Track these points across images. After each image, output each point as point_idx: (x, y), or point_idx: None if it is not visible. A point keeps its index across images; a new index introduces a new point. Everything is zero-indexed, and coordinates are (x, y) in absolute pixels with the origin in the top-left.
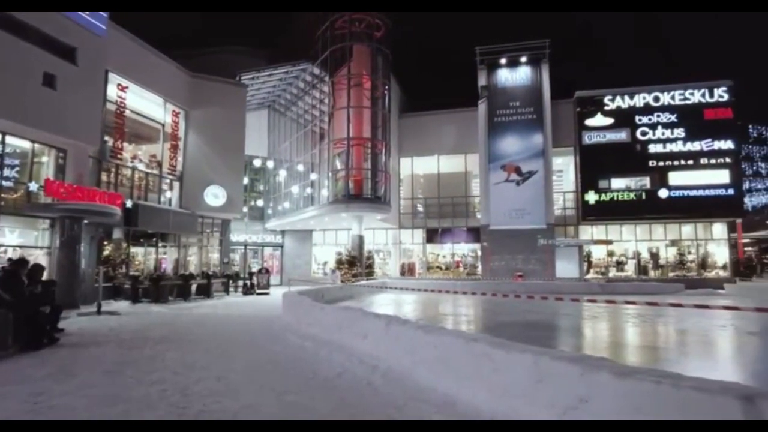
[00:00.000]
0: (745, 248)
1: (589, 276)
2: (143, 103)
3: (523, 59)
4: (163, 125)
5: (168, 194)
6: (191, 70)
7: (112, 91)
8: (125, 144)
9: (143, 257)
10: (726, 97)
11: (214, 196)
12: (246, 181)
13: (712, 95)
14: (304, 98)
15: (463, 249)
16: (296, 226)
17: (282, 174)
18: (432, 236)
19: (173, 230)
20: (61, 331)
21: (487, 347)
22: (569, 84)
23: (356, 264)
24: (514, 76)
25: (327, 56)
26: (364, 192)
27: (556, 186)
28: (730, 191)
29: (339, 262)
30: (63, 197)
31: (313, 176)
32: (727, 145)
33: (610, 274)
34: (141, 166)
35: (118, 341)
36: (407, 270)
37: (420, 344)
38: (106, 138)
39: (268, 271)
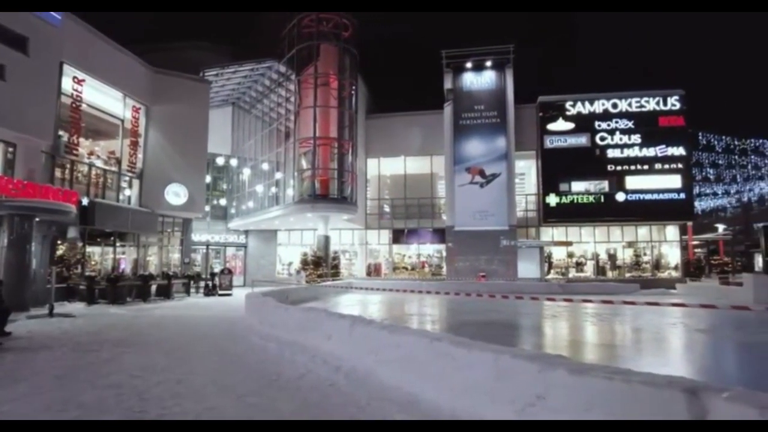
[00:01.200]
0: (695, 250)
1: (549, 276)
2: (101, 97)
3: (488, 63)
4: (122, 121)
5: (127, 192)
6: (153, 65)
7: (67, 84)
8: (82, 139)
9: (100, 257)
10: (678, 105)
11: (176, 194)
12: (209, 179)
13: (665, 103)
14: (269, 96)
15: (429, 249)
16: (260, 226)
17: (246, 173)
18: (398, 237)
19: (132, 229)
20: (8, 334)
21: (450, 346)
22: (532, 88)
23: (322, 264)
24: (479, 79)
25: (293, 55)
26: (330, 192)
27: (519, 188)
28: (682, 195)
29: (304, 262)
30: (12, 194)
31: (278, 175)
32: (679, 151)
33: (570, 275)
34: (99, 163)
35: (72, 344)
36: (373, 270)
37: (384, 344)
38: (61, 133)
39: (230, 272)
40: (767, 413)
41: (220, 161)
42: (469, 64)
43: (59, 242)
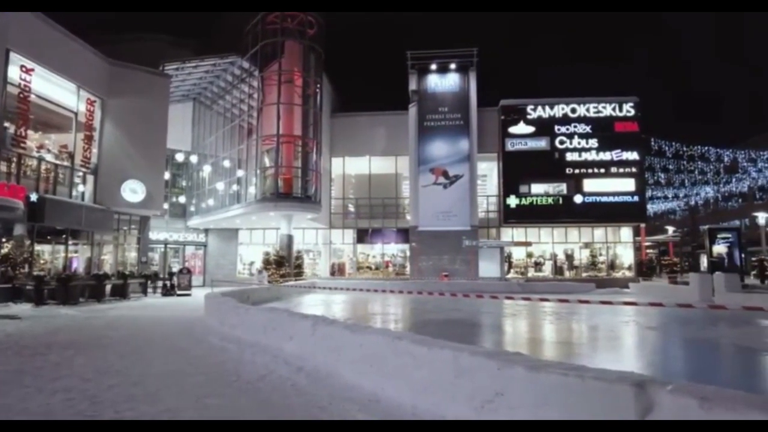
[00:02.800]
0: (647, 251)
1: (509, 276)
2: (53, 88)
3: (452, 66)
4: (75, 114)
5: (80, 188)
6: (110, 56)
7: (14, 73)
8: (30, 132)
9: (50, 255)
10: (633, 112)
11: (132, 191)
12: (167, 176)
13: (621, 110)
14: (231, 92)
15: (393, 249)
16: (221, 225)
17: (206, 170)
18: (362, 236)
19: (86, 227)
20: None
21: (411, 345)
22: (495, 92)
23: (285, 264)
24: (444, 82)
25: (257, 51)
26: (293, 191)
27: (481, 190)
28: (635, 198)
29: (266, 262)
30: None
31: (240, 173)
32: (633, 156)
33: (529, 274)
34: (49, 157)
35: (17, 348)
36: (337, 270)
37: (346, 344)
38: (7, 124)
39: (189, 271)
40: (705, 404)
41: (179, 158)
42: (433, 66)
43: (4, 240)
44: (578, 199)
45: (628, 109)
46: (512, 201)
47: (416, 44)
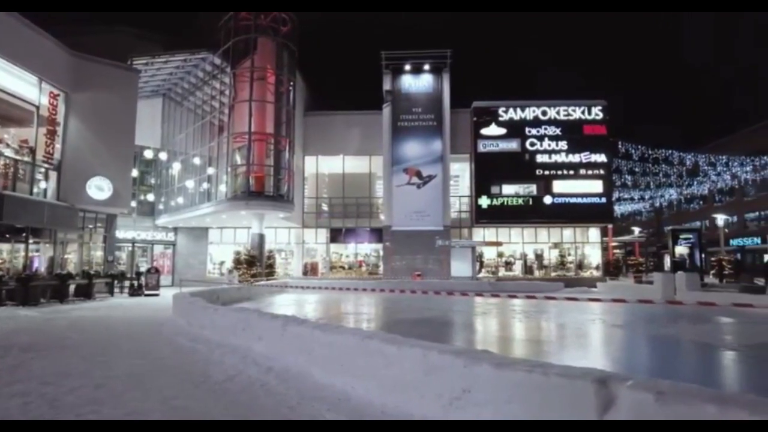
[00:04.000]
0: (614, 251)
1: (480, 275)
2: (12, 80)
3: (426, 67)
4: (37, 107)
5: (43, 185)
6: (76, 49)
7: None
8: None
9: (9, 254)
10: (601, 115)
11: (99, 188)
12: (135, 173)
13: (590, 113)
14: (203, 88)
15: (366, 249)
16: (191, 223)
17: (176, 167)
18: (336, 236)
19: (48, 225)
20: None
21: (381, 344)
22: (468, 93)
23: (256, 264)
24: (417, 82)
25: (229, 47)
26: (265, 189)
27: (453, 190)
28: (603, 200)
29: (237, 261)
30: None
31: (211, 170)
32: (601, 158)
33: (500, 274)
34: (8, 152)
35: None
36: (310, 270)
37: (317, 343)
38: None
39: (158, 271)
40: (662, 397)
41: (148, 154)
42: (407, 67)
43: None
44: (548, 200)
45: (597, 113)
46: (484, 201)
47: (391, 44)
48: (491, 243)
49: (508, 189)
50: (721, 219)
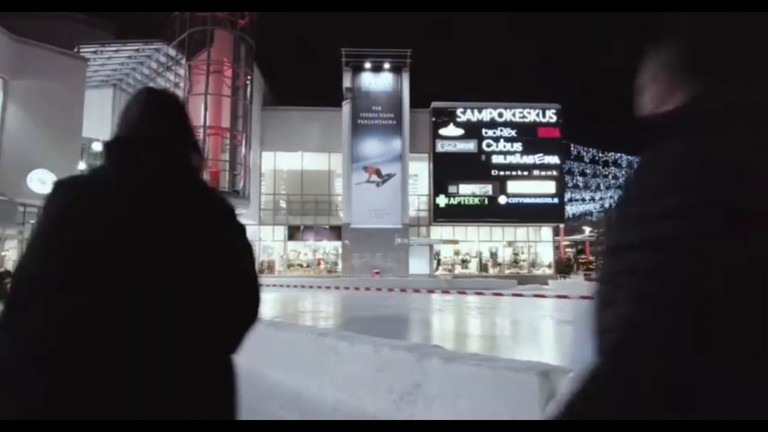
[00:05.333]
0: (566, 249)
1: (438, 273)
2: None
3: (386, 66)
4: None
5: None
6: (18, 34)
7: None
8: None
9: None
10: (555, 118)
11: (41, 181)
12: (83, 166)
13: (544, 116)
14: (156, 80)
15: (325, 247)
16: None
17: None
18: (294, 233)
19: None
20: None
21: (334, 341)
22: (427, 93)
23: None
24: (377, 81)
25: (185, 38)
26: (220, 185)
27: (412, 189)
28: (555, 200)
29: None
30: None
31: None
32: (554, 160)
33: (456, 271)
34: None
35: None
36: (267, 268)
37: (270, 341)
38: None
39: None
40: None
41: (97, 147)
42: (368, 65)
43: None
44: (503, 200)
45: (551, 116)
46: (441, 200)
47: (351, 42)
48: (448, 241)
49: (465, 189)
50: None
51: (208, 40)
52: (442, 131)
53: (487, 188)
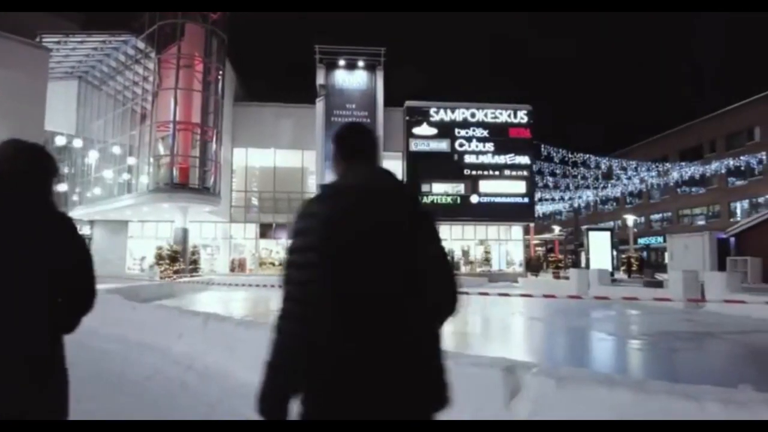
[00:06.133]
0: (536, 248)
1: None
2: None
3: (360, 64)
4: None
5: None
6: None
7: None
8: None
9: None
10: (526, 119)
11: None
12: None
13: (516, 117)
14: (124, 73)
15: None
16: (109, 216)
17: (93, 156)
18: (266, 231)
19: None
20: None
21: None
22: (401, 92)
23: (179, 259)
24: (351, 78)
25: (155, 31)
26: (190, 181)
27: None
28: (526, 200)
29: (159, 257)
30: None
31: (132, 160)
32: (525, 160)
33: None
34: None
35: None
36: (238, 266)
37: (239, 340)
38: None
39: None
40: (561, 383)
41: (60, 141)
42: (341, 62)
43: None
44: (474, 199)
45: (522, 117)
46: None
47: (326, 39)
48: None
49: (438, 188)
50: (630, 219)
51: (178, 34)
52: (416, 130)
53: (460, 187)
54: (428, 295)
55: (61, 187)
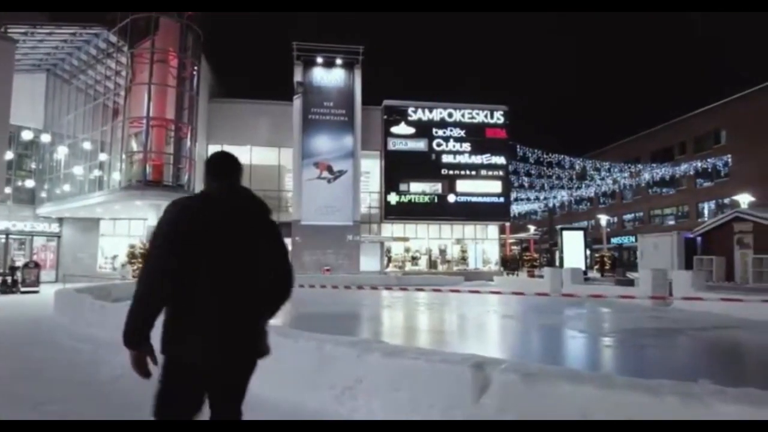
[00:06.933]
0: (512, 247)
1: (388, 270)
2: None
3: (338, 62)
4: None
5: None
6: None
7: None
8: None
9: None
10: (502, 120)
11: None
12: (11, 155)
13: (492, 117)
14: (95, 67)
15: None
16: (79, 214)
17: (62, 151)
18: None
19: None
20: None
21: (278, 338)
22: (379, 91)
23: None
24: (329, 76)
25: (128, 24)
26: (164, 178)
27: (363, 186)
28: (502, 199)
29: (132, 255)
30: None
31: (103, 157)
32: (501, 160)
33: (406, 268)
34: None
35: None
36: None
37: None
38: None
39: (38, 266)
40: (527, 378)
41: (27, 135)
42: (320, 60)
43: None
44: (451, 198)
45: (498, 117)
46: (393, 198)
47: (304, 36)
48: (399, 239)
49: (416, 187)
50: (603, 219)
51: (152, 28)
52: (394, 129)
53: (437, 187)
54: (262, 277)
55: (28, 184)
